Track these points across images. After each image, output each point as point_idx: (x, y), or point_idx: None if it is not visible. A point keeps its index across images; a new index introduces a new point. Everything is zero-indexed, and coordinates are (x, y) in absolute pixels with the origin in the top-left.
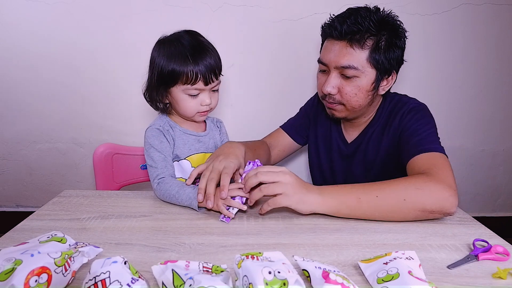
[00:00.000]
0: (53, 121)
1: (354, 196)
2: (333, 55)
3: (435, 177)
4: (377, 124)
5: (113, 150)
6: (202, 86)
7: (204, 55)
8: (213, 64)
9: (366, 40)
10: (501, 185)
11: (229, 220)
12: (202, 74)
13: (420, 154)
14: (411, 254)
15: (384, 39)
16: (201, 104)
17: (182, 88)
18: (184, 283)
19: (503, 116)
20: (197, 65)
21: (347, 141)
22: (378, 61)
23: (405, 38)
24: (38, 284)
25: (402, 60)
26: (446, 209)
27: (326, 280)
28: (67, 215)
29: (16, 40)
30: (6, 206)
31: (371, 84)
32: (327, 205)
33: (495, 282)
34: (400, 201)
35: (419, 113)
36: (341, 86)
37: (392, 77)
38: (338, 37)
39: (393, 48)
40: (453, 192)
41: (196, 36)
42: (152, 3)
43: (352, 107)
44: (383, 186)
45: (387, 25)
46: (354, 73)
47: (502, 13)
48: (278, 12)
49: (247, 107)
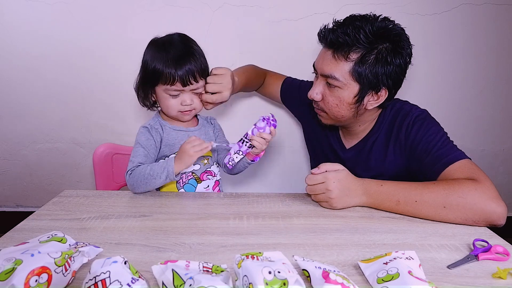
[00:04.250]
0: (53, 121)
1: (394, 199)
2: (320, 62)
3: (480, 186)
4: (379, 133)
5: (113, 150)
6: (181, 87)
7: (186, 58)
8: (193, 69)
9: (350, 53)
10: (501, 185)
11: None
12: (180, 76)
13: (449, 167)
14: (411, 254)
15: (375, 53)
16: (181, 104)
17: (163, 88)
18: (184, 283)
19: (503, 116)
20: (176, 67)
21: (345, 146)
22: (361, 75)
23: (407, 55)
24: (38, 284)
25: (398, 77)
26: (492, 221)
27: (326, 280)
28: (67, 215)
29: (16, 40)
30: (6, 206)
31: (353, 97)
32: (367, 204)
33: (495, 282)
34: (439, 208)
35: (425, 122)
36: (325, 94)
37: (382, 94)
38: (326, 45)
39: (383, 63)
40: (501, 203)
41: (185, 41)
42: (152, 3)
43: (334, 117)
44: (424, 191)
45: (383, 38)
46: (336, 83)
47: (502, 13)
48: (278, 12)
49: (247, 107)
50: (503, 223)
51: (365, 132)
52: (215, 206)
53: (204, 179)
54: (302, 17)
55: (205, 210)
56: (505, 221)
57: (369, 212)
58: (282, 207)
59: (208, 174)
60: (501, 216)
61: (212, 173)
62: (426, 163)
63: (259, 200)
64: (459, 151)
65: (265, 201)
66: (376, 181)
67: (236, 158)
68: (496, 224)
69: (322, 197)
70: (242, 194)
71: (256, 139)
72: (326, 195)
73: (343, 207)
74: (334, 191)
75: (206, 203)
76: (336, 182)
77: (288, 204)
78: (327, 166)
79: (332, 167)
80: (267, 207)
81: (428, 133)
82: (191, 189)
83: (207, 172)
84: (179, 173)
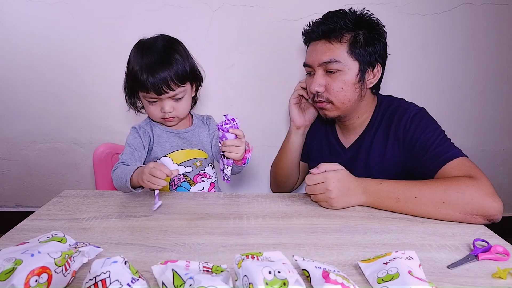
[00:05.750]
0: (53, 121)
1: (394, 196)
2: (315, 54)
3: (477, 182)
4: (376, 129)
5: (113, 150)
6: (155, 96)
7: (160, 66)
8: (167, 77)
9: (343, 35)
10: (501, 185)
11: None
12: (152, 85)
13: (446, 164)
14: (411, 254)
15: (362, 33)
16: (161, 111)
17: (142, 95)
18: (184, 283)
19: (503, 116)
20: (149, 76)
21: (345, 146)
22: (359, 54)
23: (384, 33)
24: (38, 284)
25: (385, 54)
26: (490, 215)
27: (326, 280)
28: (67, 215)
29: (16, 40)
30: (6, 206)
31: (355, 77)
32: (367, 203)
33: (495, 282)
34: (438, 203)
35: (424, 120)
36: (327, 83)
37: (377, 70)
38: (318, 37)
39: (372, 42)
40: (497, 198)
41: (167, 44)
42: (152, 3)
43: (341, 103)
44: (423, 187)
45: (363, 22)
46: (337, 67)
47: (502, 13)
48: (278, 12)
49: (247, 107)
50: (499, 218)
51: (362, 127)
52: (215, 206)
53: (199, 182)
54: (302, 17)
55: (205, 210)
56: (501, 216)
57: (369, 212)
58: (282, 207)
59: (202, 177)
60: (498, 211)
61: (207, 175)
62: (424, 161)
63: (259, 200)
64: (457, 149)
65: (265, 201)
66: (375, 180)
67: (228, 172)
68: (493, 219)
69: (321, 197)
70: (242, 194)
71: (226, 150)
72: (326, 195)
73: (343, 207)
74: (334, 191)
75: (206, 203)
76: (335, 181)
77: (288, 204)
78: (326, 166)
79: (331, 167)
80: (267, 207)
81: (426, 131)
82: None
83: (201, 174)
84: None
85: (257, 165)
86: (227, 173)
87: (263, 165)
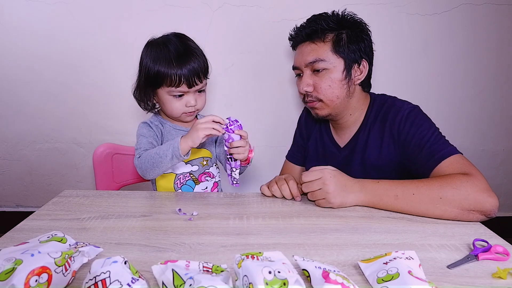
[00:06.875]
0: (53, 121)
1: (392, 193)
2: (301, 56)
3: (471, 179)
4: (370, 127)
5: (113, 150)
6: (186, 89)
7: (188, 59)
8: (197, 68)
9: (326, 35)
10: (501, 185)
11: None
12: (185, 77)
13: (441, 162)
14: (411, 254)
15: (345, 32)
16: (186, 105)
17: (167, 90)
18: (184, 283)
19: (503, 116)
20: (181, 68)
21: (340, 145)
22: (343, 52)
23: (368, 31)
24: (38, 284)
25: (371, 51)
26: (486, 211)
27: (326, 280)
28: (67, 215)
29: (16, 40)
30: (6, 206)
31: (342, 74)
32: (365, 202)
33: (495, 282)
34: (436, 199)
35: (418, 118)
36: (315, 82)
37: (364, 66)
38: (303, 39)
39: (356, 40)
40: (492, 194)
41: (183, 40)
42: (152, 3)
43: (330, 100)
44: (420, 185)
45: (346, 22)
46: (323, 65)
47: (502, 13)
48: (278, 12)
49: (247, 107)
50: (496, 213)
51: (356, 126)
52: (215, 206)
53: (202, 181)
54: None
55: (205, 210)
56: (497, 211)
57: (369, 212)
58: (282, 207)
59: (206, 176)
60: (494, 206)
61: (211, 175)
62: (419, 159)
63: (259, 200)
64: (451, 146)
65: (265, 201)
66: (372, 180)
67: (236, 175)
68: (490, 214)
69: (319, 194)
70: (242, 194)
71: (233, 151)
72: (323, 190)
73: (341, 203)
74: (331, 185)
75: (206, 203)
76: (332, 177)
77: (288, 204)
78: (321, 167)
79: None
80: (267, 207)
81: (420, 129)
82: (188, 190)
83: (206, 173)
84: (188, 152)
85: (258, 165)
86: (236, 177)
87: (264, 165)
